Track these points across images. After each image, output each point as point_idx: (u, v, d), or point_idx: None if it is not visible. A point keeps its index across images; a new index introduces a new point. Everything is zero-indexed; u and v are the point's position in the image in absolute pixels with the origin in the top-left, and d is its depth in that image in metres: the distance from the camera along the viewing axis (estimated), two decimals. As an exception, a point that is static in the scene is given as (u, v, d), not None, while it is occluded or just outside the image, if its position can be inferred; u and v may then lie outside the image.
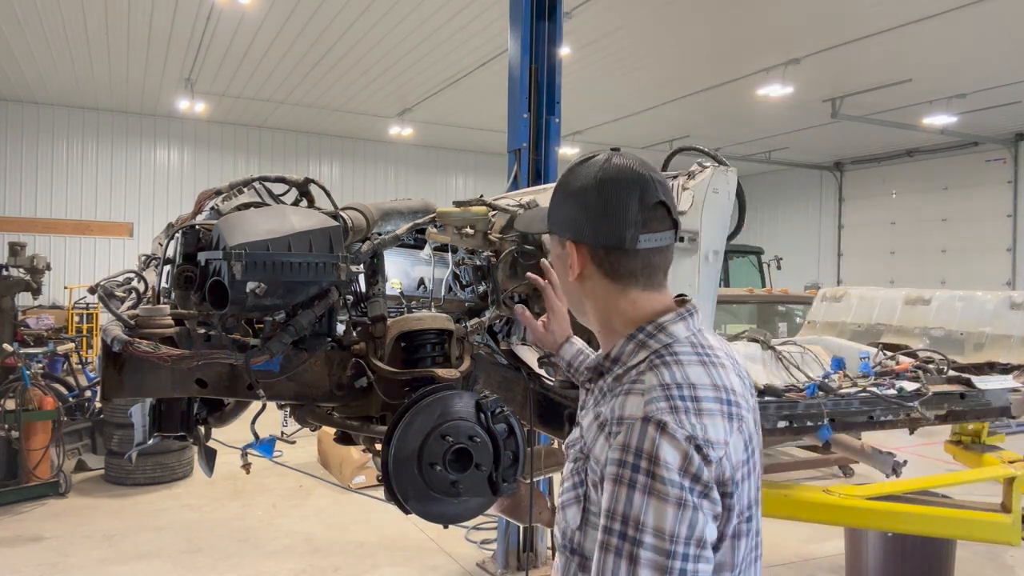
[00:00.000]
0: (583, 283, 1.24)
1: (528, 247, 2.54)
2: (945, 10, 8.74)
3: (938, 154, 16.25)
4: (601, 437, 1.09)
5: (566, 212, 1.23)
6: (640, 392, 1.07)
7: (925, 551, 4.09)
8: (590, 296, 1.24)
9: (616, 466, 1.02)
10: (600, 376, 1.24)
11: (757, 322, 9.28)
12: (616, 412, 1.08)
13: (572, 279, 1.24)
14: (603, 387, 1.20)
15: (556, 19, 4.79)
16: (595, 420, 1.14)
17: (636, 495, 0.99)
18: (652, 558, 0.96)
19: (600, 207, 1.18)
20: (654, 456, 0.99)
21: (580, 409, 1.32)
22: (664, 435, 1.00)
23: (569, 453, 1.22)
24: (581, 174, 1.21)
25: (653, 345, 1.16)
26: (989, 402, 3.32)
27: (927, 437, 5.28)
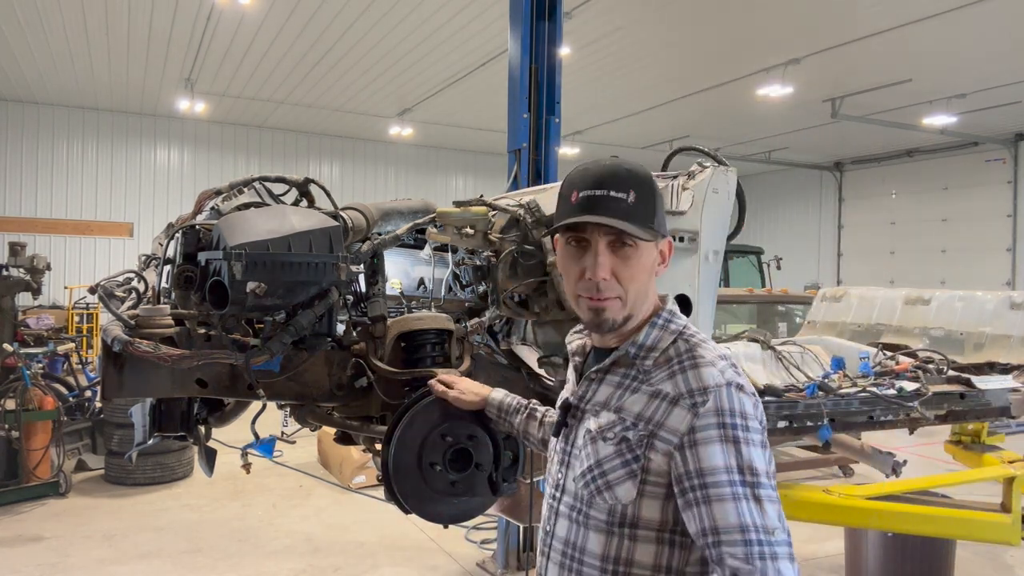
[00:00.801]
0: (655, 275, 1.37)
1: (528, 247, 2.54)
2: (945, 10, 8.74)
3: (938, 154, 16.25)
4: (677, 409, 1.21)
5: (661, 212, 1.35)
6: (708, 364, 1.24)
7: (925, 551, 4.09)
8: (650, 286, 1.36)
9: (718, 428, 1.18)
10: (623, 366, 1.34)
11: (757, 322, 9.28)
12: (692, 384, 1.22)
13: (660, 274, 1.37)
14: (633, 374, 1.31)
15: (556, 19, 4.79)
16: (653, 399, 1.25)
17: (743, 447, 1.17)
18: (768, 494, 1.16)
19: (662, 204, 1.36)
20: (744, 412, 1.20)
21: (583, 400, 1.38)
22: (744, 394, 1.22)
23: (605, 437, 1.29)
24: (650, 176, 1.35)
25: (673, 327, 1.34)
26: (989, 402, 3.32)
27: (927, 437, 5.28)
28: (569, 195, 1.33)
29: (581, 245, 1.32)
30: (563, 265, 1.37)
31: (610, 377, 1.35)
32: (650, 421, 1.24)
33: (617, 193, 1.29)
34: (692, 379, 1.23)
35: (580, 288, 1.33)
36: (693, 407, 1.20)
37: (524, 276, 2.54)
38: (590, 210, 1.28)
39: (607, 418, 1.30)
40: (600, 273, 1.28)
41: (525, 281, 2.54)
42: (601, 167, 1.33)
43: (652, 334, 1.33)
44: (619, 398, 1.31)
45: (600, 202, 1.28)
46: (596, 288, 1.29)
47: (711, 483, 1.15)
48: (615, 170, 1.32)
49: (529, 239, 2.53)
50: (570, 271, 1.35)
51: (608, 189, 1.29)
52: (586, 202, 1.29)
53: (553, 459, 1.46)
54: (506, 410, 1.81)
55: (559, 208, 1.36)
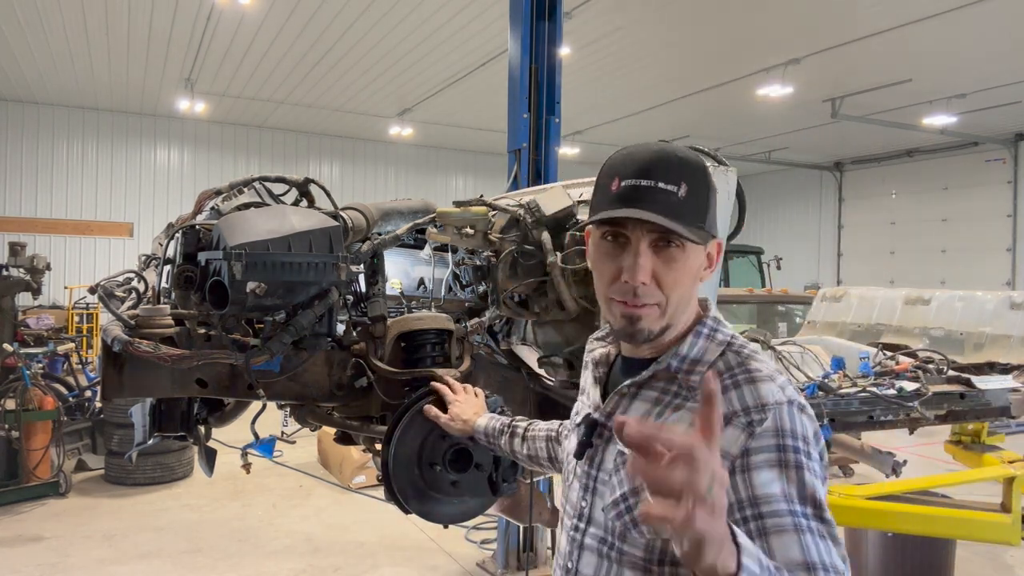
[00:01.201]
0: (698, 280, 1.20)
1: (528, 247, 2.53)
2: (945, 10, 8.74)
3: (938, 154, 16.26)
4: (729, 429, 1.05)
5: (714, 209, 1.17)
6: (766, 379, 1.09)
7: (925, 551, 4.09)
8: (693, 292, 1.20)
9: (776, 451, 1.03)
10: (661, 380, 1.18)
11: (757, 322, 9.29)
12: (748, 401, 1.06)
13: (705, 279, 1.19)
14: (674, 389, 1.16)
15: (556, 19, 4.79)
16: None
17: (805, 474, 1.01)
18: (833, 532, 1.01)
19: (715, 199, 1.19)
20: (806, 436, 1.04)
21: (612, 418, 1.19)
22: (806, 416, 1.07)
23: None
24: (705, 166, 1.16)
25: (720, 337, 1.18)
26: (989, 402, 3.32)
27: (927, 437, 5.28)
28: (609, 183, 1.15)
29: (619, 241, 1.14)
30: (596, 262, 1.19)
31: (646, 392, 1.19)
32: None
33: (666, 184, 1.10)
34: (748, 395, 1.07)
35: (614, 291, 1.15)
36: (749, 426, 1.04)
37: (524, 276, 2.54)
38: (633, 202, 1.10)
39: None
40: (640, 276, 1.10)
41: (525, 281, 2.54)
42: (649, 152, 1.14)
43: (698, 344, 1.17)
44: (658, 416, 1.15)
45: (646, 194, 1.10)
46: (633, 293, 1.12)
47: (769, 512, 1.00)
48: (665, 156, 1.13)
49: (529, 239, 2.53)
50: (603, 270, 1.16)
51: (656, 179, 1.10)
52: (629, 193, 1.11)
53: (572, 483, 1.27)
54: (491, 434, 1.73)
55: (596, 196, 1.18)
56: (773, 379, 1.09)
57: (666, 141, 1.19)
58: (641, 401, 1.18)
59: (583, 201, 2.61)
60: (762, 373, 1.10)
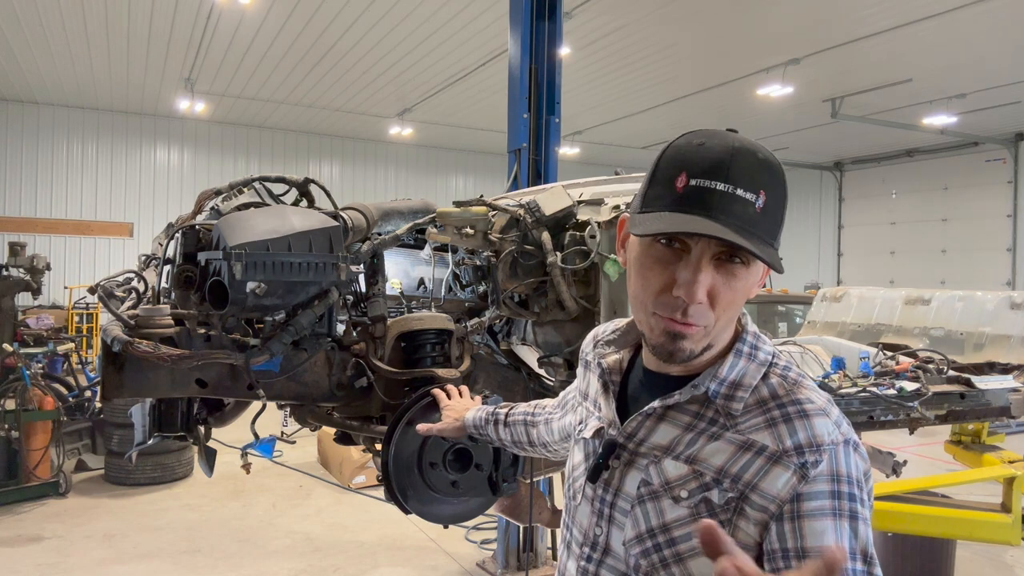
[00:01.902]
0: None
1: (528, 247, 2.54)
2: (945, 10, 8.74)
3: (938, 154, 16.26)
4: (778, 469, 0.93)
5: (783, 225, 1.00)
6: (820, 413, 0.97)
7: (925, 551, 4.09)
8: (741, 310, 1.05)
9: (832, 498, 0.92)
10: (695, 402, 1.04)
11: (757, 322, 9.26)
12: (800, 439, 0.94)
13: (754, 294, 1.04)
14: (710, 416, 1.02)
15: (556, 19, 4.79)
16: (743, 451, 0.97)
17: (861, 526, 0.92)
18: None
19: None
20: (860, 480, 0.94)
21: (632, 440, 1.07)
22: (859, 455, 0.96)
23: (677, 496, 1.00)
24: (782, 169, 0.99)
25: (762, 357, 1.05)
26: (989, 402, 3.32)
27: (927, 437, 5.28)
28: (673, 176, 0.96)
29: (673, 247, 0.98)
30: (641, 267, 1.01)
31: (675, 415, 1.05)
32: (738, 480, 0.96)
33: (745, 192, 0.93)
34: (801, 432, 0.95)
35: (660, 304, 0.98)
36: (802, 468, 0.92)
37: (524, 276, 2.54)
38: (704, 210, 0.93)
39: (676, 470, 1.01)
40: (699, 295, 0.95)
41: (525, 281, 2.54)
42: (726, 146, 0.95)
43: (739, 366, 1.04)
44: (691, 444, 1.01)
45: (720, 201, 0.93)
46: (684, 311, 0.96)
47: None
48: (746, 155, 0.95)
49: (529, 239, 2.53)
50: (650, 278, 0.99)
51: (734, 184, 0.93)
52: (699, 196, 0.93)
53: (581, 504, 1.14)
54: (479, 426, 1.63)
55: (653, 188, 0.99)
56: (828, 413, 0.97)
57: (735, 131, 1.00)
58: (670, 424, 1.05)
59: (583, 201, 2.62)
60: (815, 405, 0.98)
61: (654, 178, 0.99)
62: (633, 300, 1.04)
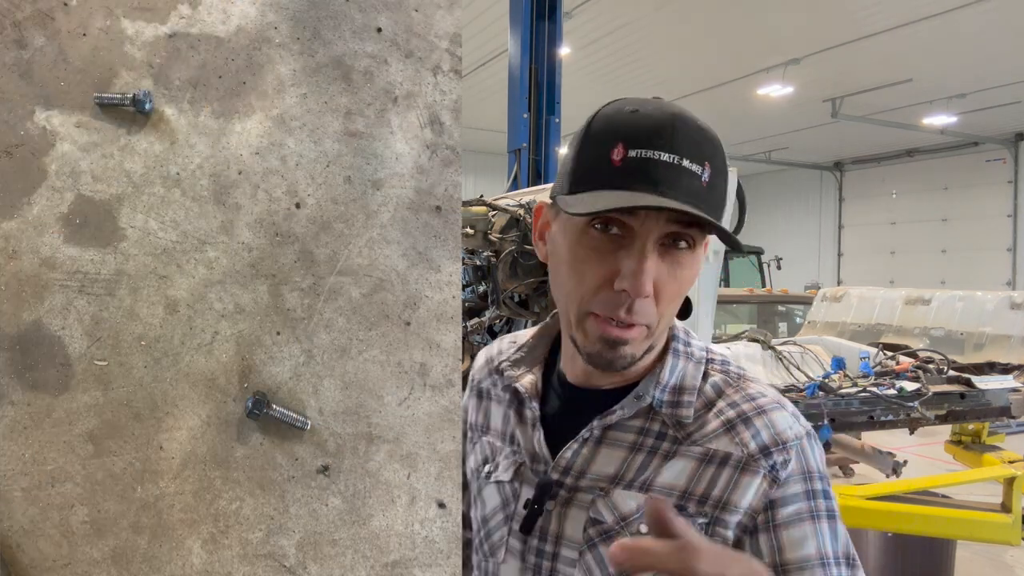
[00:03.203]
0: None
1: (528, 247, 2.54)
2: (945, 10, 8.75)
3: (938, 154, 16.28)
4: (747, 477, 0.82)
5: (725, 195, 0.86)
6: (776, 407, 0.86)
7: (925, 551, 4.09)
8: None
9: (807, 500, 0.82)
10: (637, 417, 0.89)
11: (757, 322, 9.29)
12: (764, 439, 0.83)
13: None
14: (657, 429, 0.88)
15: (556, 19, 4.80)
16: (705, 464, 0.84)
17: (837, 525, 0.83)
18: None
19: None
20: (825, 472, 0.85)
21: (569, 473, 0.89)
22: (817, 443, 0.87)
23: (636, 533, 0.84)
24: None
25: (697, 353, 0.94)
26: (989, 402, 3.32)
27: (927, 437, 5.28)
28: (607, 148, 0.80)
29: (611, 234, 0.81)
30: (572, 258, 0.85)
31: (616, 435, 0.89)
32: (706, 500, 0.83)
33: (691, 164, 0.79)
34: (763, 431, 0.84)
35: (598, 303, 0.82)
36: (772, 472, 0.82)
37: (524, 276, 2.55)
38: (649, 184, 0.78)
39: (630, 501, 0.85)
40: (647, 287, 0.79)
41: (525, 281, 2.54)
42: (665, 114, 0.81)
43: (679, 367, 0.91)
44: (643, 468, 0.86)
45: (666, 174, 0.78)
46: (628, 308, 0.81)
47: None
48: (687, 122, 0.81)
49: (529, 239, 2.53)
50: (585, 271, 0.83)
51: (680, 155, 0.78)
52: (641, 170, 0.78)
53: (506, 563, 0.94)
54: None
55: (580, 167, 0.84)
56: (784, 406, 0.87)
57: (660, 99, 0.87)
58: (612, 448, 0.88)
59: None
60: (768, 399, 0.87)
61: (582, 152, 0.84)
62: (564, 300, 0.87)
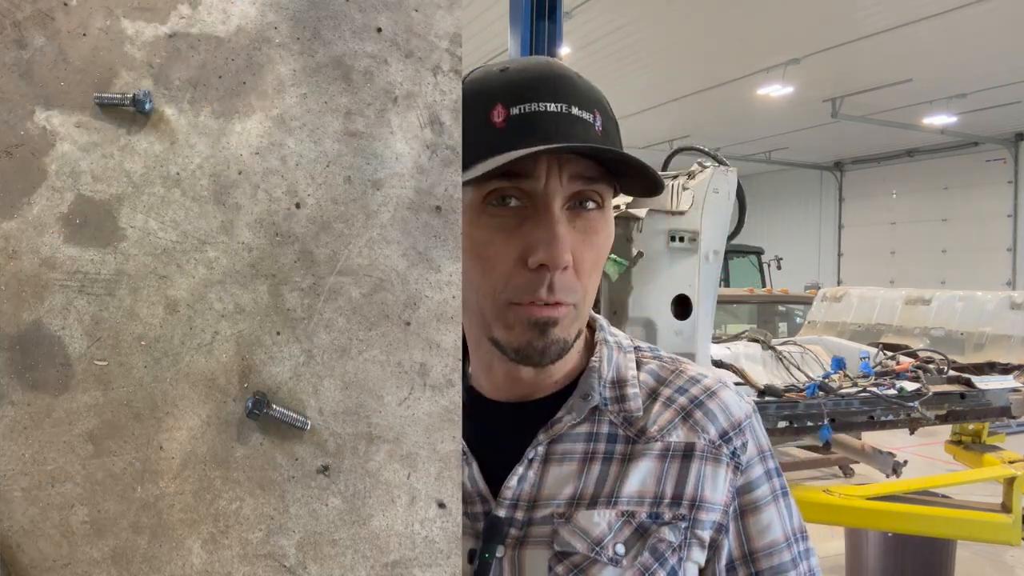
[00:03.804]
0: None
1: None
2: (945, 10, 8.74)
3: (938, 154, 16.27)
4: (712, 467, 0.76)
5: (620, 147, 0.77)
6: (720, 385, 0.81)
7: (925, 551, 4.09)
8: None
9: (767, 480, 0.79)
10: (585, 423, 0.78)
11: (757, 322, 9.29)
12: (722, 422, 0.78)
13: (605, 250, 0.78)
14: (607, 432, 0.77)
15: (556, 19, 4.80)
16: (668, 462, 0.76)
17: (790, 499, 0.81)
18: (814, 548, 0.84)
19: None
20: (771, 446, 0.83)
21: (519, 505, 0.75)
22: (759, 417, 0.84)
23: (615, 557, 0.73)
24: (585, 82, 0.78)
25: (624, 342, 0.85)
26: (989, 402, 3.32)
27: (927, 437, 5.29)
28: (486, 112, 0.71)
29: (512, 209, 0.71)
30: (474, 244, 0.71)
31: (563, 447, 0.76)
32: (679, 501, 0.74)
33: (581, 112, 0.71)
34: (719, 414, 0.78)
35: (514, 289, 0.71)
36: (733, 458, 0.77)
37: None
38: (540, 137, 0.68)
39: (599, 521, 0.73)
40: (564, 255, 0.69)
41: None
42: (539, 64, 0.74)
43: (613, 358, 0.82)
44: (602, 480, 0.75)
45: (557, 124, 0.69)
46: (550, 285, 0.69)
47: (778, 567, 0.78)
48: (565, 71, 0.74)
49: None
50: (492, 256, 0.71)
51: (567, 103, 0.70)
52: (528, 125, 0.69)
53: None
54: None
55: (464, 140, 0.67)
56: (726, 384, 0.82)
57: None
58: (562, 464, 0.76)
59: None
60: (710, 379, 0.82)
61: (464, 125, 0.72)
62: (474, 298, 0.73)
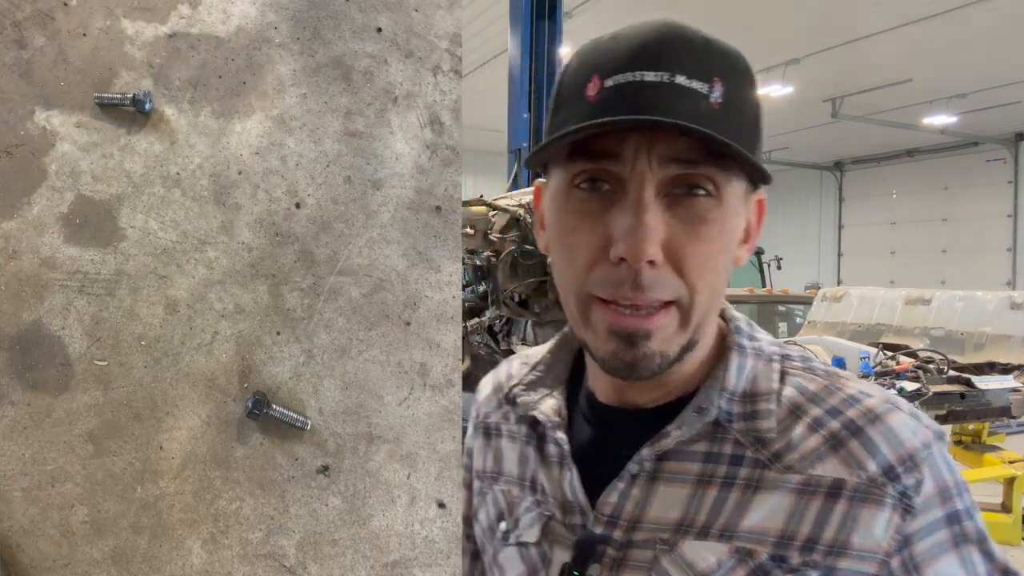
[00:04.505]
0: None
1: (528, 247, 2.54)
2: (945, 10, 8.75)
3: (938, 154, 16.27)
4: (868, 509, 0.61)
5: (762, 138, 0.67)
6: (890, 408, 0.64)
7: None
8: (726, 279, 0.68)
9: (948, 526, 0.62)
10: (702, 438, 0.67)
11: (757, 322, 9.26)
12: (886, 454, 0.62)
13: (742, 261, 0.69)
14: (730, 453, 0.66)
15: (556, 19, 4.80)
16: (808, 498, 0.62)
17: (989, 545, 0.64)
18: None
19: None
20: (965, 483, 0.65)
21: (618, 523, 0.67)
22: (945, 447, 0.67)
23: None
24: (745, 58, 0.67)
25: (768, 348, 0.72)
26: (989, 402, 3.32)
27: (927, 437, 5.27)
28: (582, 85, 0.63)
29: (601, 190, 0.62)
30: (562, 231, 0.65)
31: (676, 466, 0.67)
32: (813, 546, 0.61)
33: (690, 81, 0.60)
34: (883, 444, 0.63)
35: (594, 281, 0.62)
36: (903, 498, 0.61)
37: (524, 276, 2.55)
38: (630, 109, 0.59)
39: (708, 554, 0.63)
40: (648, 248, 0.58)
41: (525, 281, 2.54)
42: (650, 27, 0.65)
43: (747, 367, 0.69)
44: (719, 507, 0.64)
45: (653, 96, 0.59)
46: (633, 282, 0.59)
47: None
48: (682, 34, 0.65)
49: (529, 239, 2.53)
50: (575, 244, 0.63)
51: (671, 70, 0.60)
52: (622, 95, 0.60)
53: None
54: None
55: (556, 118, 0.66)
56: (898, 405, 0.65)
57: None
58: (672, 484, 0.66)
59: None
60: (877, 399, 0.65)
61: (559, 99, 0.68)
62: (563, 290, 0.67)
